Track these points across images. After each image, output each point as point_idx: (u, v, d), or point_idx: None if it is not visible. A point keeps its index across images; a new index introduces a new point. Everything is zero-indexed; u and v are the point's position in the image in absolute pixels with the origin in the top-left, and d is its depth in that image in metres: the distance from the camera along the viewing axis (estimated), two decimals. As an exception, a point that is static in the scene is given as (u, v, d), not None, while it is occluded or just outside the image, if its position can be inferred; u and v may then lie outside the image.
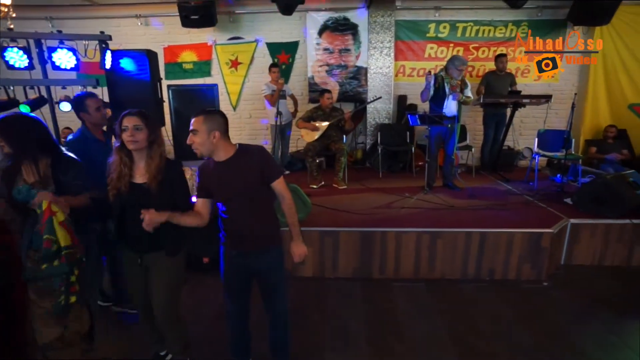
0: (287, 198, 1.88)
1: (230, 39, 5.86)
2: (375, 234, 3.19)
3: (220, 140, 1.76)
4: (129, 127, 1.73)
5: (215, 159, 1.80)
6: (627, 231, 3.40)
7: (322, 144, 4.66)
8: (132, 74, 2.85)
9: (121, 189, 1.78)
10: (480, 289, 3.11)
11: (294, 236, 1.93)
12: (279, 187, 1.86)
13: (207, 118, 1.75)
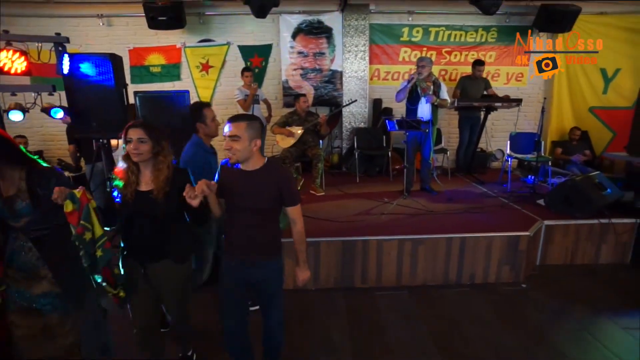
0: (299, 225, 1.88)
1: (201, 42, 5.64)
2: (357, 243, 3.12)
3: (258, 150, 1.75)
4: (133, 139, 1.71)
5: (243, 167, 1.77)
6: (595, 230, 3.53)
7: (298, 150, 4.56)
8: (94, 79, 2.63)
9: (127, 197, 1.76)
10: (463, 293, 3.12)
11: (300, 262, 1.94)
12: (294, 213, 1.86)
13: (250, 125, 1.70)
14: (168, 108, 3.01)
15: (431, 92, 4.13)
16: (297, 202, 1.84)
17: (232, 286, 1.88)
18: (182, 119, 3.04)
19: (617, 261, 3.59)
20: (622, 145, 5.25)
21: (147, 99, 2.94)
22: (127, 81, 5.53)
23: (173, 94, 3.01)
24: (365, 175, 5.38)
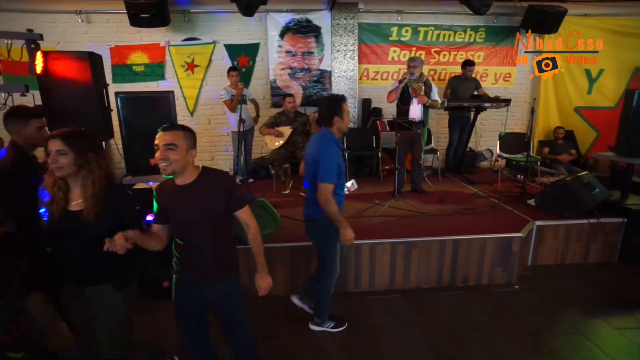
0: (253, 227, 1.77)
1: (186, 40, 5.48)
2: (349, 248, 3.05)
3: (193, 161, 1.66)
4: (51, 152, 1.53)
5: (178, 181, 1.65)
6: (584, 230, 3.55)
7: (287, 151, 4.47)
8: (70, 79, 2.48)
9: (54, 215, 1.58)
10: (456, 296, 3.08)
11: (259, 267, 1.81)
12: (244, 216, 1.75)
13: (186, 134, 1.62)
14: (151, 110, 2.88)
15: (422, 92, 4.10)
16: (245, 204, 1.74)
17: (186, 307, 1.77)
18: (166, 120, 2.92)
19: (606, 260, 3.62)
20: (605, 145, 5.34)
21: (128, 100, 2.80)
22: (109, 81, 5.42)
23: (157, 95, 2.87)
24: (355, 176, 5.31)
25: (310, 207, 2.32)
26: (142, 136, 2.89)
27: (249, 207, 1.76)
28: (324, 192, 2.15)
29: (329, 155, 2.16)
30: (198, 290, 1.74)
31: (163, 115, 2.91)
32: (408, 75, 4.05)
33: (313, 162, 2.20)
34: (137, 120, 2.85)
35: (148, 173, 2.96)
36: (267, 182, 4.95)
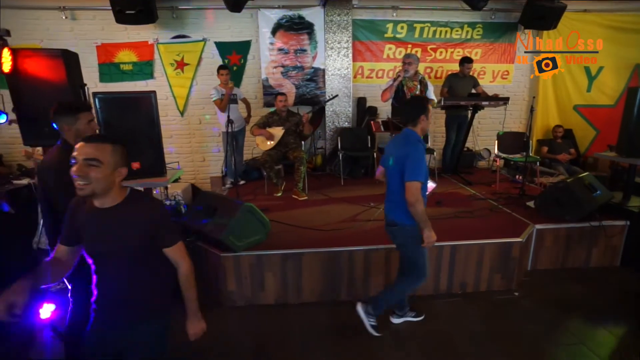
0: (184, 267, 1.52)
1: (175, 38, 5.32)
2: (342, 254, 2.92)
3: (121, 181, 1.40)
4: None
5: (98, 203, 1.38)
6: (586, 234, 3.43)
7: (279, 152, 4.33)
8: (43, 78, 2.33)
9: None
10: (454, 304, 2.96)
11: (189, 313, 1.58)
12: (175, 255, 1.50)
13: (116, 148, 1.37)
14: (132, 111, 2.73)
15: (417, 91, 3.97)
16: (177, 241, 1.49)
17: (94, 348, 1.49)
18: (149, 122, 2.78)
19: (608, 264, 3.51)
20: (605, 143, 5.24)
21: (107, 101, 2.65)
22: (95, 80, 5.28)
23: (137, 96, 2.72)
24: (350, 177, 5.19)
25: (395, 211, 2.26)
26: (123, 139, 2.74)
27: (183, 244, 1.52)
28: (414, 191, 2.09)
29: (416, 153, 2.12)
30: (112, 332, 1.46)
31: (145, 117, 2.77)
32: (402, 73, 3.91)
33: (399, 163, 2.14)
34: (117, 122, 2.70)
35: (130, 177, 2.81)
36: (259, 184, 4.81)
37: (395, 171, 2.20)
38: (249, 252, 2.85)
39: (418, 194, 2.10)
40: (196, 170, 5.77)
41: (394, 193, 2.24)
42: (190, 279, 1.54)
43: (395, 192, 2.21)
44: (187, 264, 1.53)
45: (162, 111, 5.42)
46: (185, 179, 5.68)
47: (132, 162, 2.84)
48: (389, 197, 2.32)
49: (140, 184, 2.82)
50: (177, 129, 5.59)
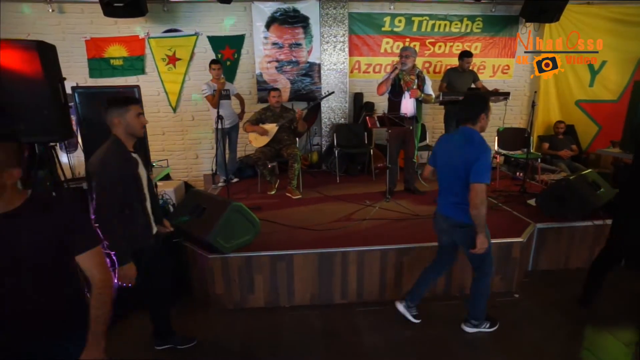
0: (99, 279, 1.29)
1: (166, 32, 5.17)
2: (335, 255, 2.80)
3: (15, 183, 1.20)
4: None
5: None
6: (589, 233, 3.31)
7: (272, 149, 4.20)
8: (17, 72, 2.20)
9: None
10: (452, 307, 2.84)
11: (90, 339, 1.26)
12: (89, 262, 1.28)
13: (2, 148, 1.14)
14: (114, 106, 2.59)
15: (415, 86, 3.84)
16: (91, 245, 1.28)
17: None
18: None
19: (611, 264, 3.38)
20: (607, 139, 5.10)
21: (87, 96, 2.52)
22: (85, 75, 5.15)
23: (119, 90, 2.59)
24: (346, 175, 5.06)
25: (460, 211, 2.21)
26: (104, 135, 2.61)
27: (100, 252, 1.31)
28: (481, 193, 2.06)
29: (487, 154, 2.06)
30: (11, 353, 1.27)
31: (128, 112, 2.63)
32: (399, 66, 3.77)
33: (465, 163, 2.08)
34: (98, 118, 2.56)
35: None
36: (252, 181, 4.68)
37: (459, 172, 2.13)
38: (238, 254, 2.74)
39: (484, 196, 2.07)
40: (189, 168, 5.64)
41: (457, 195, 2.19)
42: (105, 294, 1.28)
43: (460, 194, 2.16)
44: (103, 274, 1.29)
45: (154, 107, 5.37)
46: (178, 176, 5.55)
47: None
48: (450, 199, 2.25)
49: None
50: (169, 125, 5.45)
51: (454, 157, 2.14)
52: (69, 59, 4.98)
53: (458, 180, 2.14)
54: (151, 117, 5.33)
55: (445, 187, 2.27)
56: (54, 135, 2.41)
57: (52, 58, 2.41)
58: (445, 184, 2.27)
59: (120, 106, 1.90)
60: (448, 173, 2.21)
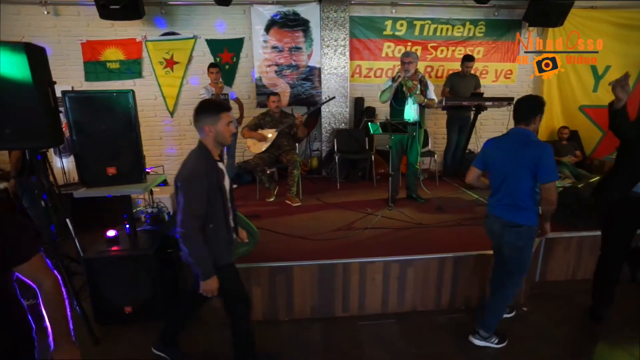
0: (48, 284, 1.24)
1: (164, 35, 5.09)
2: (336, 266, 2.69)
3: None
4: None
5: None
6: (598, 243, 3.19)
7: (271, 155, 4.10)
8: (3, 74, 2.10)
9: None
10: (457, 320, 2.73)
11: (57, 338, 1.22)
12: (33, 269, 1.21)
13: None
14: (107, 111, 2.49)
15: (418, 91, 3.75)
16: (31, 254, 1.20)
17: None
18: (126, 123, 2.55)
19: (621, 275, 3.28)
20: (611, 145, 5.02)
21: (79, 100, 2.42)
22: (81, 78, 5.05)
23: (113, 94, 2.49)
24: (347, 181, 4.96)
25: (520, 213, 2.20)
26: (97, 142, 2.51)
27: (42, 256, 1.24)
28: (554, 191, 2.10)
29: (549, 152, 2.09)
30: None
31: (121, 118, 2.53)
32: (403, 73, 3.68)
33: (528, 164, 2.09)
34: (90, 123, 2.47)
35: (105, 184, 2.59)
36: (251, 188, 4.58)
37: (521, 173, 2.13)
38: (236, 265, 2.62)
39: (556, 193, 2.12)
40: (187, 173, 5.53)
41: (517, 195, 2.18)
42: (57, 294, 1.24)
43: (521, 194, 2.16)
44: (50, 278, 1.24)
45: (151, 111, 5.28)
46: (176, 182, 5.45)
47: (107, 167, 2.64)
48: (504, 200, 2.24)
49: (117, 191, 2.58)
50: (167, 130, 5.36)
51: (514, 159, 2.13)
52: (64, 62, 4.89)
53: (518, 181, 2.15)
54: (148, 122, 5.27)
55: (500, 188, 2.25)
56: (43, 141, 2.30)
57: (41, 61, 2.30)
58: (500, 185, 2.25)
59: (212, 114, 1.80)
60: (505, 175, 2.20)
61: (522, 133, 2.16)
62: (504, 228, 2.25)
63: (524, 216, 2.18)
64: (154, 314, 2.69)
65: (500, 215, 2.26)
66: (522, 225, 2.18)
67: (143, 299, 2.66)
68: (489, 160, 2.28)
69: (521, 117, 2.17)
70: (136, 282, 2.63)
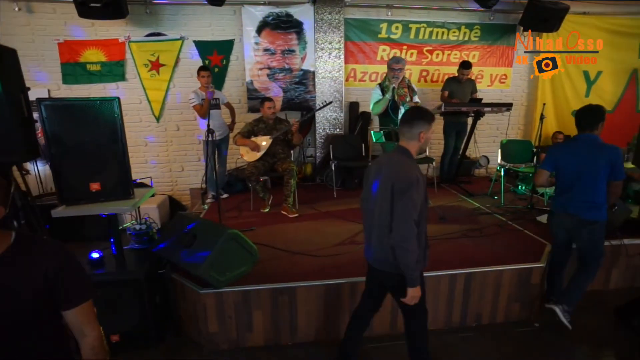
0: (92, 338, 1.13)
1: (149, 35, 4.81)
2: (343, 286, 2.51)
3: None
4: None
5: None
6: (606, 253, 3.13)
7: (266, 164, 3.89)
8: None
9: None
10: (469, 340, 2.60)
11: None
12: (81, 319, 1.11)
13: None
14: (90, 121, 2.25)
15: (408, 98, 3.67)
16: (86, 298, 1.12)
17: None
18: (111, 134, 2.31)
19: (628, 285, 3.23)
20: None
21: (57, 109, 2.16)
22: (58, 81, 4.72)
23: (95, 102, 2.24)
24: (343, 188, 4.80)
25: (595, 210, 2.45)
26: (78, 155, 2.26)
27: (92, 303, 1.14)
28: (621, 187, 2.47)
29: (621, 153, 2.45)
30: None
31: (106, 128, 2.30)
32: (396, 82, 3.60)
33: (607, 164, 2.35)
34: (70, 135, 2.21)
35: (88, 201, 2.34)
36: (243, 197, 4.36)
37: (598, 173, 2.39)
38: (234, 288, 2.42)
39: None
40: (174, 181, 5.26)
41: (594, 193, 2.42)
42: (101, 349, 1.14)
43: (598, 192, 2.42)
44: (95, 331, 1.13)
45: (135, 116, 4.98)
46: (163, 190, 5.17)
47: (90, 182, 2.39)
48: (581, 198, 2.45)
49: (101, 209, 2.34)
50: (152, 135, 5.07)
51: (590, 161, 2.38)
52: (39, 63, 4.56)
53: (595, 181, 2.39)
54: (133, 127, 4.97)
55: (572, 187, 2.48)
56: (14, 155, 2.05)
57: (12, 64, 2.05)
58: (572, 185, 2.47)
59: (428, 121, 1.79)
60: (579, 175, 2.43)
61: (591, 138, 2.42)
62: (581, 225, 2.48)
63: (600, 214, 2.44)
64: (143, 343, 2.45)
65: (576, 213, 2.48)
66: (599, 222, 2.45)
67: (131, 326, 2.42)
68: (560, 164, 2.51)
69: (586, 125, 2.44)
70: (124, 308, 2.40)
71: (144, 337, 2.47)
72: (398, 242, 1.69)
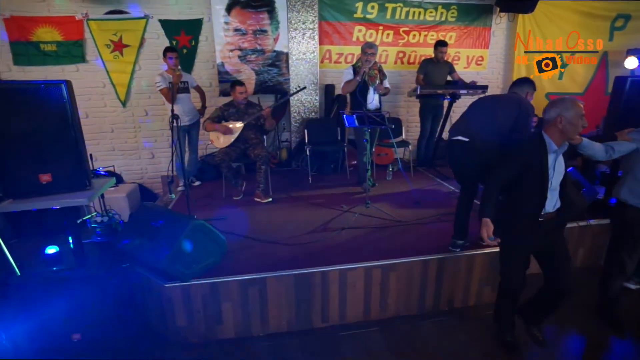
0: None
1: (109, 13, 4.49)
2: (314, 275, 2.46)
3: None
4: None
5: None
6: (574, 234, 3.21)
7: (238, 149, 3.76)
8: None
9: None
10: (441, 324, 2.61)
11: None
12: None
13: None
14: (35, 107, 2.06)
15: (378, 80, 3.72)
16: None
17: None
18: (61, 121, 2.13)
19: (592, 264, 3.33)
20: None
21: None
22: (9, 61, 4.37)
23: (40, 86, 2.05)
24: (319, 174, 4.72)
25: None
26: (22, 145, 2.08)
27: None
28: None
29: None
30: None
31: (54, 114, 2.10)
32: (367, 66, 3.65)
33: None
34: (11, 122, 2.02)
35: (39, 194, 2.17)
36: (216, 184, 4.22)
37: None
38: (201, 280, 2.33)
39: None
40: (144, 169, 5.05)
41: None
42: None
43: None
44: None
45: (99, 101, 4.70)
46: (132, 179, 4.96)
47: (40, 173, 2.21)
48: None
49: (53, 202, 2.17)
50: (118, 121, 4.81)
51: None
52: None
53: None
54: (97, 112, 4.71)
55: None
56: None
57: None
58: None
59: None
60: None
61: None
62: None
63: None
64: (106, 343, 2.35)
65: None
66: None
67: (92, 325, 2.30)
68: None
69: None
70: (84, 306, 2.27)
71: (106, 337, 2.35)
72: None
